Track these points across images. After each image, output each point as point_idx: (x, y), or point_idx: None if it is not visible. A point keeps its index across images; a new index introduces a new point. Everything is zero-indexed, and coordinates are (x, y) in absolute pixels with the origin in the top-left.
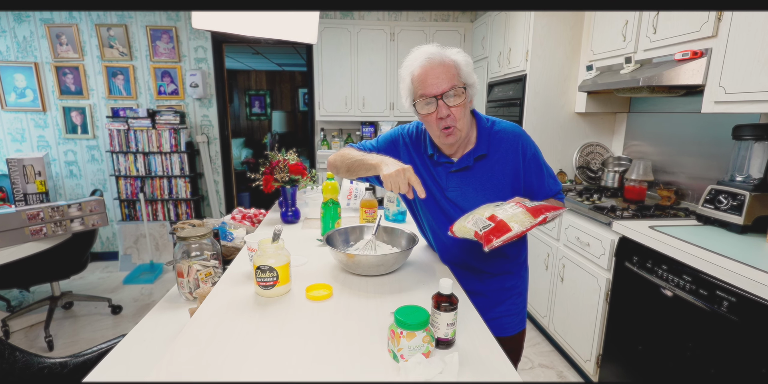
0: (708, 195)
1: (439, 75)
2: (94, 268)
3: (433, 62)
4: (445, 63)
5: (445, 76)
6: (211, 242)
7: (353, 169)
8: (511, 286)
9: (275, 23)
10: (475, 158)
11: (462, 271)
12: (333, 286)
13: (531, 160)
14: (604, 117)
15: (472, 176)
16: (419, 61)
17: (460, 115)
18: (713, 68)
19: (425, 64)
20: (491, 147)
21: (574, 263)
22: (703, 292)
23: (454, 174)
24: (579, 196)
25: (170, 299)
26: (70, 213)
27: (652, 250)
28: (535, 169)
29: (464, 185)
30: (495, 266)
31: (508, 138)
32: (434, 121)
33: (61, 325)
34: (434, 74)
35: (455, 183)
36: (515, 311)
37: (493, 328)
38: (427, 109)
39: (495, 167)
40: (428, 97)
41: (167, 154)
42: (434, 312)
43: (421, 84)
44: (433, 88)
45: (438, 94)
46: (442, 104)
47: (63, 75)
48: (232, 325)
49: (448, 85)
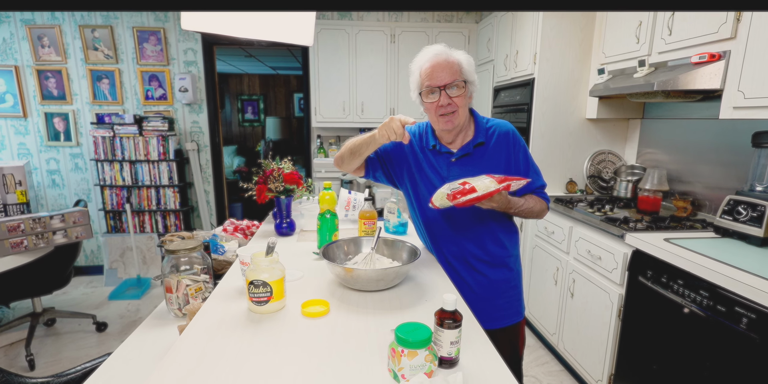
0: (726, 206)
1: (444, 69)
2: (78, 283)
3: (439, 58)
4: (450, 60)
5: (449, 70)
6: (201, 256)
7: (356, 149)
8: (509, 278)
9: (269, 24)
10: (474, 146)
11: (462, 264)
12: (330, 302)
13: (520, 152)
14: (616, 123)
15: (472, 163)
16: (427, 57)
17: (461, 104)
18: (732, 72)
19: (432, 60)
20: (488, 137)
21: (584, 278)
22: (721, 309)
23: (454, 163)
24: (590, 206)
25: (158, 316)
26: (52, 225)
27: (668, 263)
28: (523, 161)
29: (464, 173)
30: (493, 254)
31: (501, 131)
32: (435, 109)
33: (43, 343)
34: (440, 68)
35: (456, 171)
36: (514, 302)
37: (494, 321)
38: (432, 97)
39: (493, 154)
40: (433, 87)
41: (155, 163)
42: (437, 329)
43: (428, 76)
44: (437, 80)
45: (442, 85)
46: (444, 94)
47: (45, 79)
48: (224, 343)
49: (450, 79)
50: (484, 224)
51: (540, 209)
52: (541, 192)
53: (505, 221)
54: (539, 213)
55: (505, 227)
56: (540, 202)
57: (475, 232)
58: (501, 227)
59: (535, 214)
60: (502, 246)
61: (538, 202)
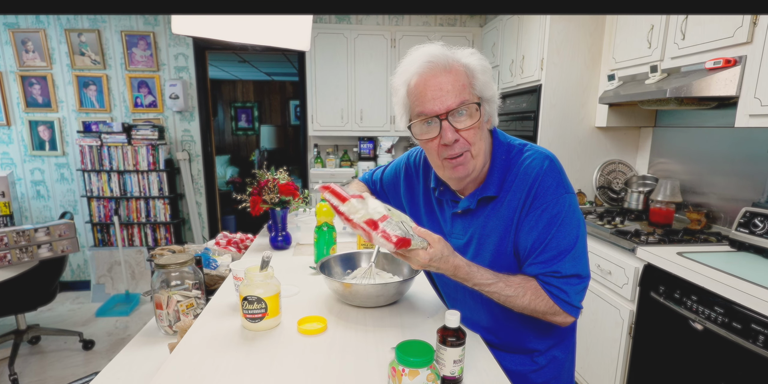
0: (742, 218)
1: (443, 86)
2: (64, 299)
3: (436, 68)
4: (453, 69)
5: (451, 87)
6: (192, 270)
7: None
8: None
9: (264, 28)
10: (479, 200)
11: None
12: (328, 319)
13: (539, 210)
14: (627, 132)
15: (475, 222)
16: (417, 65)
17: (474, 139)
18: (748, 78)
19: (425, 71)
20: (506, 185)
21: (594, 293)
22: (737, 326)
23: (458, 216)
24: (600, 218)
25: (148, 333)
26: (36, 238)
27: (681, 278)
28: (537, 226)
29: (467, 233)
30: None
31: (525, 170)
32: (436, 149)
33: (27, 362)
34: (436, 85)
35: (460, 229)
36: None
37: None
38: (428, 132)
39: (503, 212)
40: (429, 116)
41: (144, 173)
42: (439, 347)
43: (418, 98)
44: (434, 104)
45: (442, 112)
46: (447, 126)
47: (29, 85)
48: (216, 361)
49: (455, 101)
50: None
51: (532, 307)
52: (555, 281)
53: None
54: (534, 312)
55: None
56: (538, 298)
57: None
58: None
59: (520, 309)
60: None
61: (535, 295)
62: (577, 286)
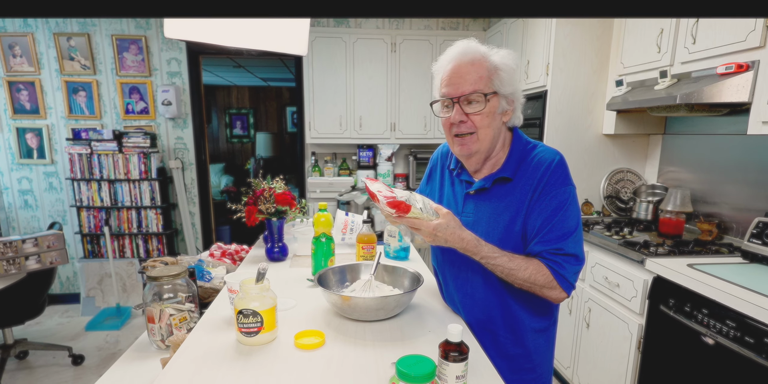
0: (755, 228)
1: (464, 75)
2: (53, 313)
3: (463, 59)
4: (477, 62)
5: (470, 76)
6: (186, 283)
7: None
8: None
9: (260, 32)
10: (495, 180)
11: (486, 334)
12: (325, 333)
13: (548, 196)
14: (635, 139)
15: (487, 202)
16: (451, 55)
17: (482, 125)
18: (761, 83)
19: (455, 60)
20: (517, 171)
21: (601, 307)
22: (750, 340)
23: (470, 197)
24: (607, 229)
25: (139, 348)
26: (24, 249)
27: (691, 291)
28: (545, 211)
29: (478, 212)
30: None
31: (538, 162)
32: (448, 126)
33: (15, 378)
34: (459, 73)
35: (470, 208)
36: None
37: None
38: (443, 111)
39: (518, 195)
40: (447, 98)
41: (136, 182)
42: (441, 362)
43: (443, 81)
44: (452, 88)
45: (456, 96)
46: (457, 108)
47: (17, 91)
48: (211, 377)
49: (469, 88)
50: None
51: (532, 280)
52: (557, 258)
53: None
54: (532, 285)
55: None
56: (539, 272)
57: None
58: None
59: (521, 281)
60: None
61: (536, 269)
62: (575, 266)
